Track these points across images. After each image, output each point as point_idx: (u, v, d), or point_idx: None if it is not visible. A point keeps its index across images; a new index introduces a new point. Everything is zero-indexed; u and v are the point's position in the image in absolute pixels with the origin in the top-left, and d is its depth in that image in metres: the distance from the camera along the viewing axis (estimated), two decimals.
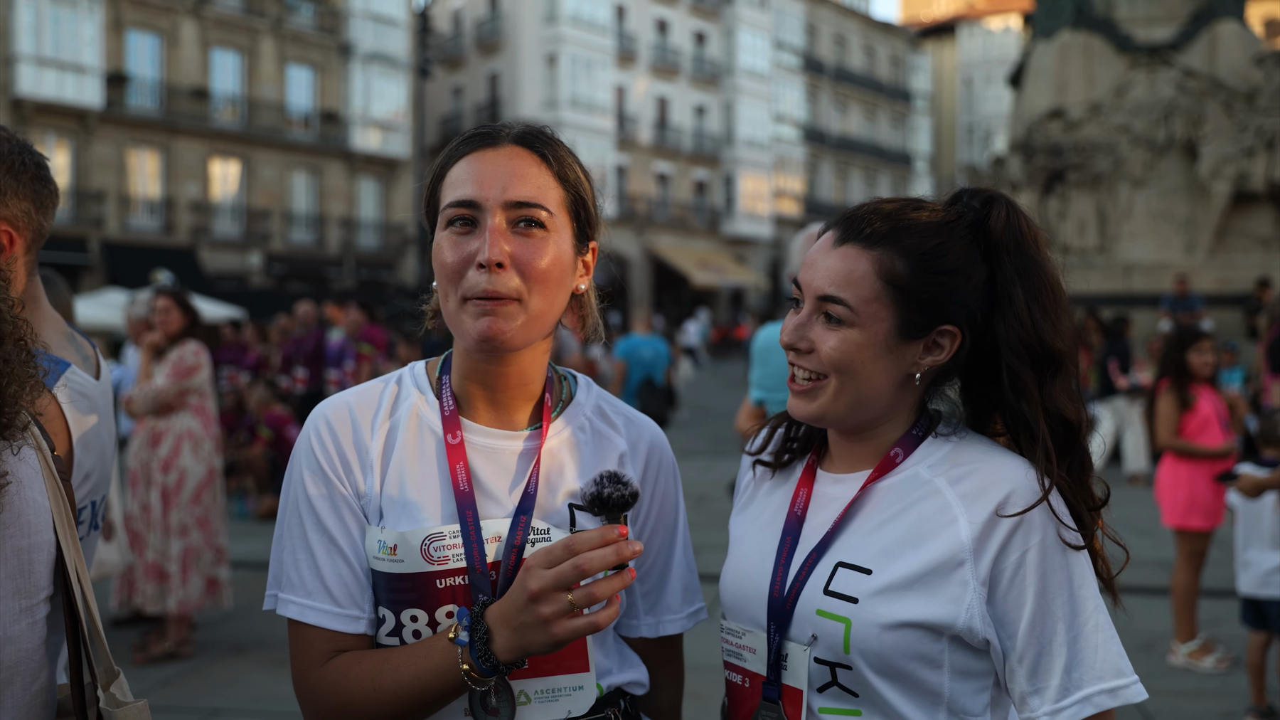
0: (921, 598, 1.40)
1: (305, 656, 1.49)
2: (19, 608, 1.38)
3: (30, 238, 1.82)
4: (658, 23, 46.04)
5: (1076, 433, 1.46)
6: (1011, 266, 1.47)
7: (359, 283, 35.00)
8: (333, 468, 1.50)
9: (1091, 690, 1.37)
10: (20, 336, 1.42)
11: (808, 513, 1.55)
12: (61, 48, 28.55)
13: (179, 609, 6.01)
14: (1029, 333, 1.45)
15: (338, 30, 35.36)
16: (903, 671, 1.41)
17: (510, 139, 1.50)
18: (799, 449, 1.65)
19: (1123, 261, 16.91)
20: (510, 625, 1.34)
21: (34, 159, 1.82)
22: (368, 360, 10.51)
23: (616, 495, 1.35)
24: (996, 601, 1.40)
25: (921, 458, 1.51)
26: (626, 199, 43.84)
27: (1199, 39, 17.46)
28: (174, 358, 6.07)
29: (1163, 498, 6.06)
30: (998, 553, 1.40)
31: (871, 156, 57.37)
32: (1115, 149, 17.17)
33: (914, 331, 1.46)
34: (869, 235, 1.46)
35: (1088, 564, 1.43)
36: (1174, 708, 5.22)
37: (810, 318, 1.48)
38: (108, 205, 30.13)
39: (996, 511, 1.41)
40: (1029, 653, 1.39)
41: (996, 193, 1.52)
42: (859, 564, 1.45)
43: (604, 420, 1.63)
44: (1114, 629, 1.42)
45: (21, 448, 1.40)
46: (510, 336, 1.45)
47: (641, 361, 9.85)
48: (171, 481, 6.04)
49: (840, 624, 1.43)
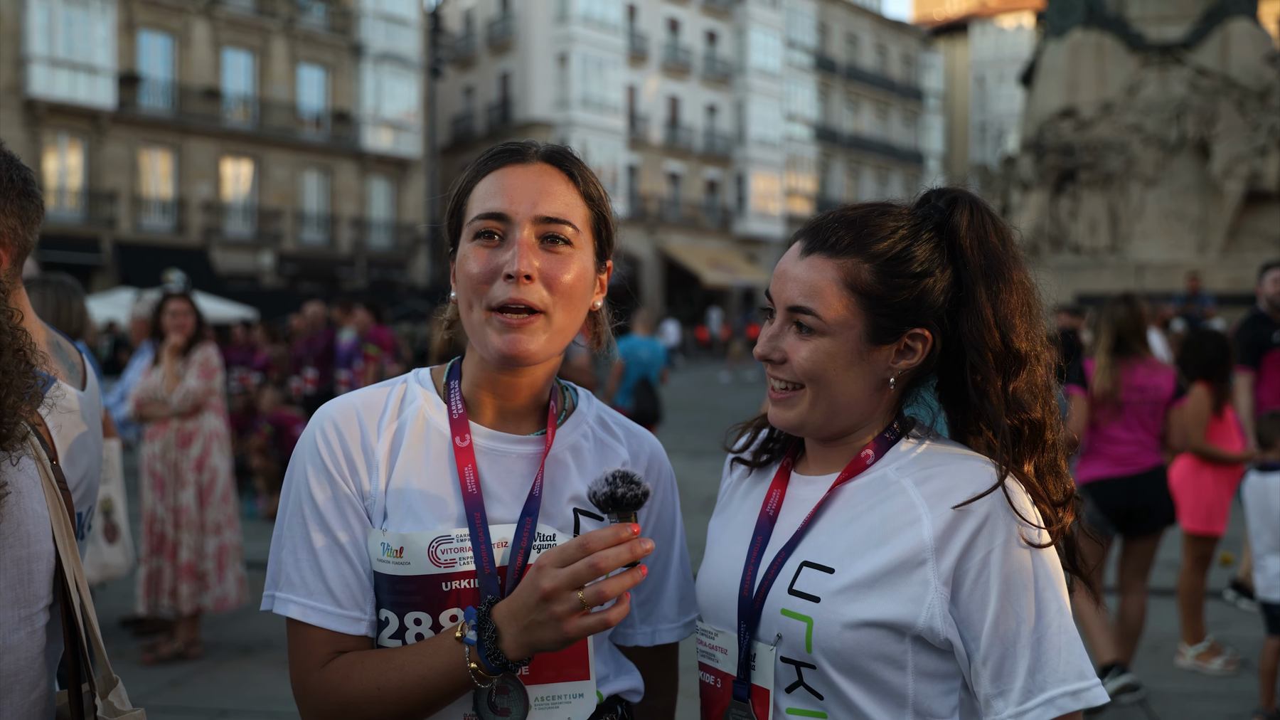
0: (882, 597, 1.40)
1: (305, 657, 1.48)
2: (18, 617, 1.39)
3: (15, 253, 1.82)
4: (669, 22, 45.99)
5: (1043, 430, 1.46)
6: (975, 265, 1.46)
7: (370, 282, 35.06)
8: (338, 468, 1.50)
9: (1055, 693, 1.37)
10: (20, 348, 1.43)
11: (779, 513, 1.56)
12: (74, 49, 28.68)
13: (216, 606, 6.14)
14: (991, 332, 1.44)
15: (349, 30, 35.43)
16: (865, 671, 1.41)
17: (538, 156, 1.52)
18: (778, 450, 1.66)
19: (1135, 261, 16.84)
20: (520, 623, 1.34)
21: (21, 174, 1.81)
22: (374, 361, 10.51)
23: (630, 495, 1.36)
24: (960, 602, 1.40)
25: (891, 460, 1.51)
26: (638, 198, 43.83)
27: (1211, 37, 17.39)
28: (199, 359, 6.15)
29: (1182, 502, 5.90)
30: (961, 552, 1.40)
31: (883, 155, 57.22)
32: (1127, 148, 17.11)
33: (884, 336, 1.47)
34: (834, 244, 1.47)
35: (1053, 565, 1.43)
36: (1181, 709, 5.21)
37: (782, 328, 1.50)
38: (120, 205, 30.25)
39: (960, 511, 1.41)
40: (993, 654, 1.39)
41: (962, 192, 1.52)
42: (822, 563, 1.46)
43: (606, 430, 1.66)
44: (1077, 630, 1.42)
45: (20, 458, 1.41)
46: (533, 353, 1.47)
47: (639, 361, 9.96)
48: (206, 480, 6.15)
49: (803, 623, 1.44)
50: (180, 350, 6.16)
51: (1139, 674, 5.55)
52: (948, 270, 1.48)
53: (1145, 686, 5.35)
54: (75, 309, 4.27)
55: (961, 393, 1.51)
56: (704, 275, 44.20)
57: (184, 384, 6.07)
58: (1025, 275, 1.49)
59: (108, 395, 7.05)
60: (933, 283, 1.47)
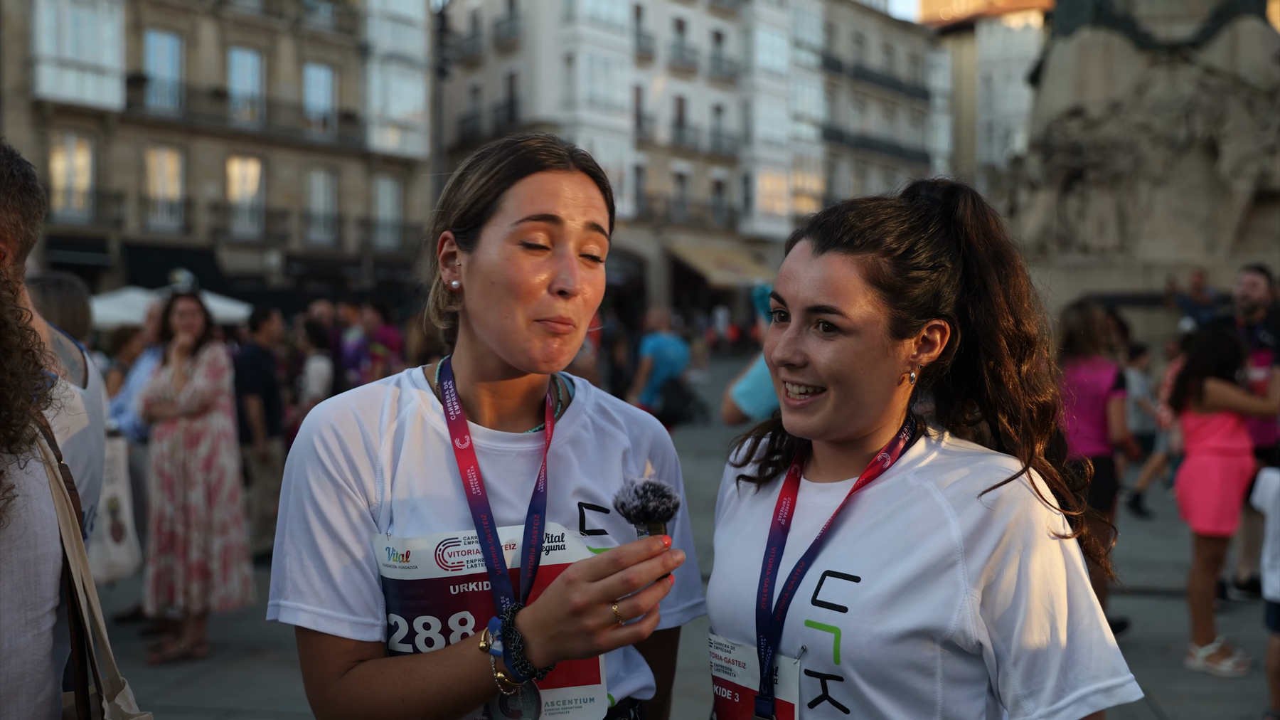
0: (913, 603, 1.38)
1: (322, 668, 1.46)
2: (25, 619, 1.38)
3: (18, 249, 1.80)
4: (676, 22, 45.99)
5: (1052, 414, 1.48)
6: (984, 255, 1.47)
7: (377, 283, 35.10)
8: (340, 473, 1.47)
9: (1087, 690, 1.35)
10: (28, 348, 1.43)
11: (792, 522, 1.54)
12: (82, 49, 28.74)
13: (221, 605, 6.17)
14: (1007, 319, 1.45)
15: (356, 30, 35.47)
16: (895, 680, 1.39)
17: (579, 165, 1.51)
18: (783, 460, 1.63)
19: (1143, 261, 16.77)
20: (547, 634, 1.33)
21: (22, 169, 1.79)
22: (381, 361, 10.52)
23: (661, 507, 1.35)
24: (990, 603, 1.38)
25: (909, 463, 1.49)
26: (644, 198, 43.83)
27: (1220, 36, 17.31)
28: (207, 359, 6.18)
29: (1192, 502, 5.94)
30: (990, 552, 1.38)
31: (890, 155, 57.16)
32: (1135, 147, 17.04)
33: (906, 330, 1.45)
34: (849, 241, 1.45)
35: (1080, 561, 1.41)
36: (1191, 711, 5.19)
37: (800, 331, 1.46)
38: (127, 206, 30.32)
39: (988, 511, 1.39)
40: (1024, 654, 1.37)
41: (957, 183, 1.52)
42: (847, 572, 1.44)
43: (606, 418, 1.64)
44: (1107, 626, 1.40)
45: (28, 461, 1.40)
46: (564, 362, 1.48)
47: (666, 360, 10.05)
48: (214, 480, 6.18)
49: (830, 634, 1.41)
50: (189, 350, 6.17)
51: (1149, 675, 5.52)
52: (958, 259, 1.47)
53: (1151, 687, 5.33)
54: (79, 309, 4.23)
55: (969, 383, 1.51)
56: (710, 275, 44.19)
57: (191, 383, 6.09)
58: (1023, 262, 1.50)
59: (116, 398, 7.06)
60: (947, 273, 1.46)
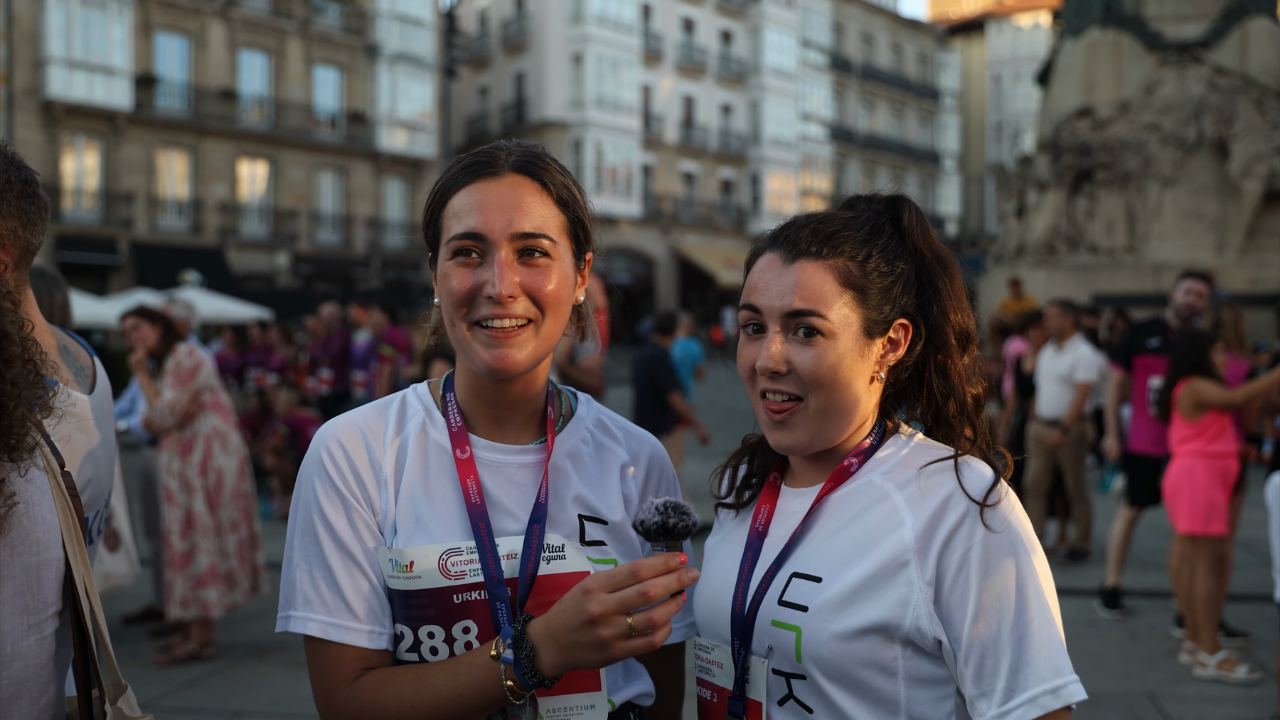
0: (869, 601, 1.41)
1: (331, 676, 1.49)
2: (27, 624, 1.40)
3: (18, 255, 1.78)
4: (684, 22, 45.99)
5: (983, 405, 1.57)
6: (930, 258, 1.55)
7: (385, 283, 35.17)
8: (347, 486, 1.51)
9: (1037, 691, 1.36)
10: (29, 358, 1.43)
11: (769, 528, 1.58)
12: (91, 50, 28.84)
13: (244, 600, 6.30)
14: (958, 317, 1.54)
15: (364, 31, 35.53)
16: (856, 679, 1.42)
17: (510, 167, 1.52)
18: (758, 484, 1.67)
19: (1152, 261, 16.71)
20: (559, 643, 1.36)
21: (21, 174, 1.77)
22: (389, 362, 10.52)
23: (681, 525, 1.39)
24: (942, 600, 1.40)
25: (875, 465, 1.53)
26: (653, 198, 43.84)
27: (1230, 36, 17.25)
28: (170, 367, 6.12)
29: (1178, 503, 5.80)
30: (941, 549, 1.41)
31: (899, 155, 57.10)
32: (1144, 148, 16.98)
33: (875, 330, 1.51)
34: (817, 249, 1.50)
35: (1038, 562, 1.43)
36: (1198, 713, 5.17)
37: (779, 339, 1.50)
38: (137, 206, 30.40)
39: (940, 509, 1.43)
40: (974, 653, 1.38)
41: (898, 194, 1.60)
42: (811, 573, 1.47)
43: (605, 433, 1.67)
44: (1059, 626, 1.41)
45: (29, 469, 1.41)
46: (520, 363, 1.50)
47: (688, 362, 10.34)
48: (212, 483, 6.18)
49: (792, 633, 1.45)
50: (147, 363, 6.19)
51: (1156, 679, 5.51)
52: (911, 263, 1.54)
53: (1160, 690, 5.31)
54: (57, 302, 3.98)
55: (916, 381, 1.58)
56: (719, 275, 44.18)
57: (161, 398, 6.08)
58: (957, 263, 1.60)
59: (120, 401, 7.08)
60: (904, 275, 1.53)
